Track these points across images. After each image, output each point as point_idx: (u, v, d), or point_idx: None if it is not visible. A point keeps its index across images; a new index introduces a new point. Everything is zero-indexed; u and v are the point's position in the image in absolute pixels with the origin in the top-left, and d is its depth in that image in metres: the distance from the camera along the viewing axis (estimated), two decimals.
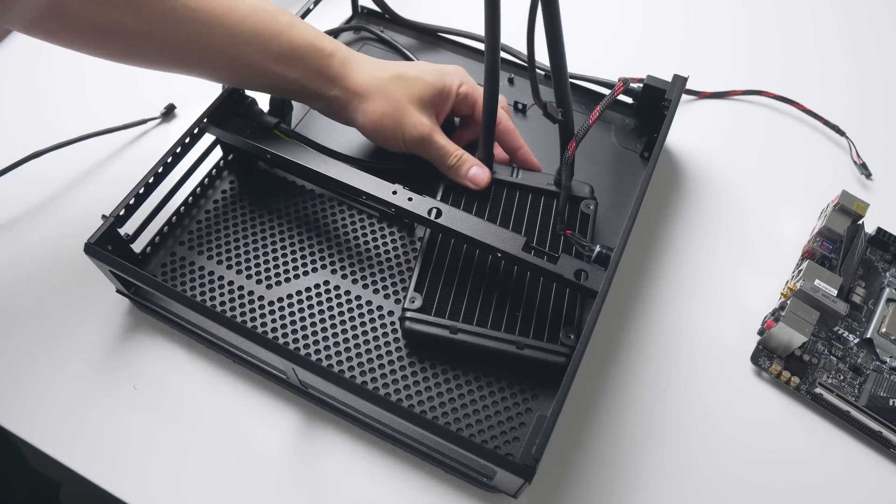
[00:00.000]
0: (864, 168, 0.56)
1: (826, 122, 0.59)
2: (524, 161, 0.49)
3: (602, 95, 0.56)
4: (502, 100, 0.51)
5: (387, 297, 0.46)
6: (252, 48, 0.42)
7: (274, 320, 0.44)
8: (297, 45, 0.43)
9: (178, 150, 0.46)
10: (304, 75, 0.44)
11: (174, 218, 0.48)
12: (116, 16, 0.38)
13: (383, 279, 0.46)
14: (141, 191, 0.44)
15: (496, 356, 0.42)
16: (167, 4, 0.39)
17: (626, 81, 0.48)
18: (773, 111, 0.60)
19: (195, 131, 0.47)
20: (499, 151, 0.50)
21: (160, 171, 0.45)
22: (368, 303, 0.45)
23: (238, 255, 0.47)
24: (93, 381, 0.43)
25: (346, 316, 0.45)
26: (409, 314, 0.42)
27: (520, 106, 0.56)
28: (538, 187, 0.48)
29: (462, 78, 0.48)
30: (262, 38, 0.42)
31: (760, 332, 0.47)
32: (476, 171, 0.47)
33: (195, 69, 0.44)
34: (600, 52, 0.64)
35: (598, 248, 0.43)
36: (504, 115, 0.49)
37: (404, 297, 0.43)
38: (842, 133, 0.58)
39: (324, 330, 0.44)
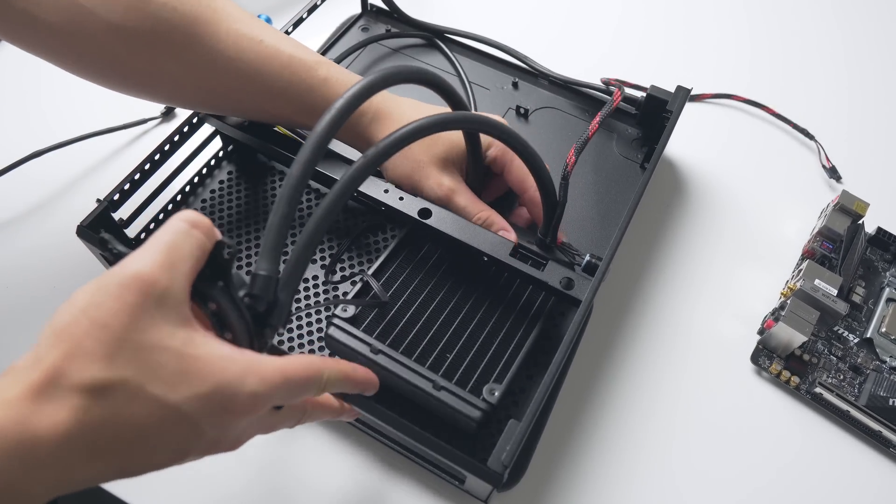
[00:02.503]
0: (833, 172, 0.56)
1: (796, 127, 0.59)
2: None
3: (601, 101, 0.56)
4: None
5: (360, 277, 0.45)
6: (286, 100, 0.43)
7: None
8: (330, 102, 0.42)
9: (176, 138, 0.46)
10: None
11: (170, 205, 0.48)
12: (161, 63, 0.39)
13: (362, 264, 0.46)
14: (136, 176, 0.44)
15: (411, 390, 0.38)
16: (209, 55, 0.40)
17: (615, 85, 0.47)
18: (768, 118, 0.61)
19: (194, 121, 0.47)
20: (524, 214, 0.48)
21: (157, 157, 0.45)
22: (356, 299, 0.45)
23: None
24: None
25: (332, 311, 0.44)
26: (335, 321, 0.40)
27: (522, 110, 0.55)
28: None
29: (493, 139, 0.45)
30: (297, 92, 0.42)
31: (760, 332, 0.47)
32: (504, 235, 0.43)
33: (233, 113, 0.46)
34: (591, 57, 0.64)
35: (587, 258, 0.42)
36: (532, 186, 0.44)
37: (335, 305, 0.41)
38: (811, 136, 0.58)
39: (309, 325, 0.44)
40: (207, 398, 0.25)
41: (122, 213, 0.45)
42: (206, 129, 0.49)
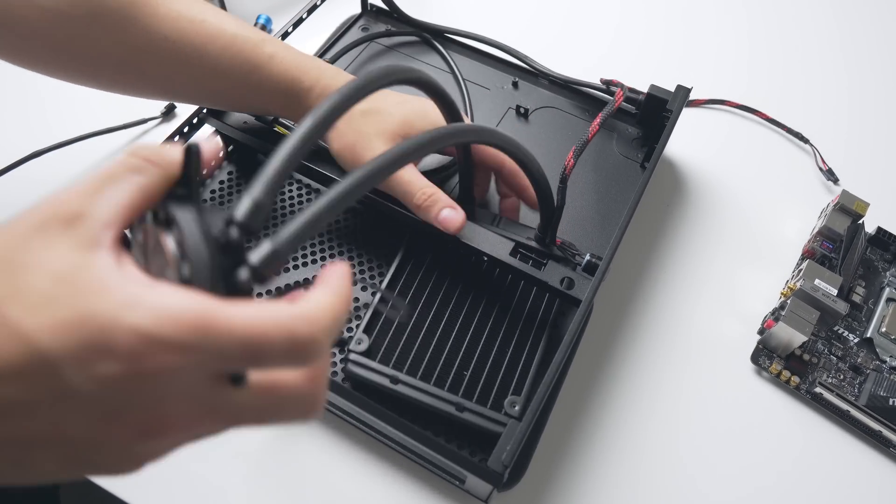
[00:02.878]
0: (830, 174, 0.56)
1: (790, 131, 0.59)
2: (531, 202, 0.44)
3: (601, 101, 0.56)
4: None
5: (374, 294, 0.45)
6: (232, 80, 0.42)
7: None
8: (277, 79, 0.42)
9: (177, 138, 0.46)
10: (283, 107, 0.44)
11: None
12: (100, 48, 0.39)
13: (372, 277, 0.46)
14: None
15: (435, 414, 0.39)
16: (147, 37, 0.39)
17: (617, 85, 0.47)
18: (765, 120, 0.61)
19: (194, 121, 0.47)
20: (510, 203, 0.47)
21: None
22: (356, 300, 0.45)
23: None
24: None
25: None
26: (352, 356, 0.40)
27: (522, 110, 0.55)
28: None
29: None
30: (243, 71, 0.41)
31: (760, 332, 0.47)
32: (448, 214, 0.40)
33: (180, 97, 0.45)
34: (591, 57, 0.64)
35: (587, 257, 0.42)
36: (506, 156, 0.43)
37: (350, 338, 0.42)
38: (805, 140, 0.58)
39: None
40: (69, 328, 0.19)
41: None
42: (207, 130, 0.49)
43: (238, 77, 0.42)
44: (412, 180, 0.41)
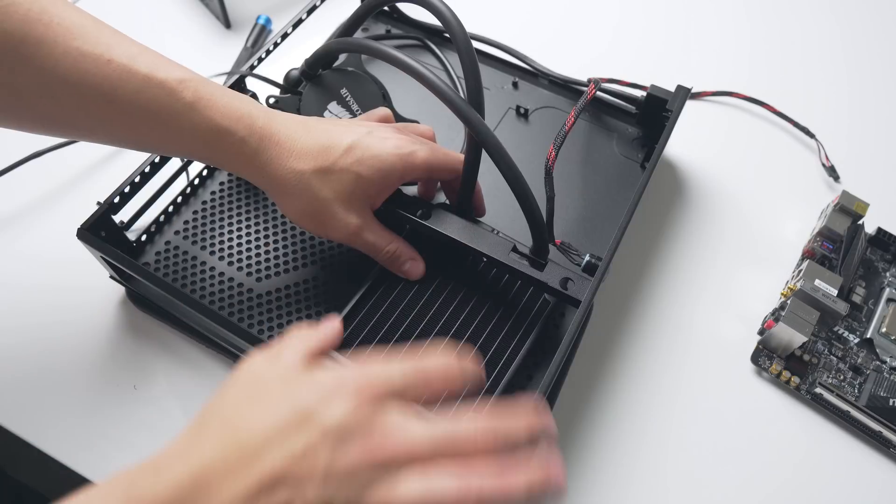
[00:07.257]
0: (832, 171, 0.56)
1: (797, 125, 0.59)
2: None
3: (601, 101, 0.56)
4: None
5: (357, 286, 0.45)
6: (146, 127, 0.37)
7: (261, 313, 0.44)
8: (200, 129, 0.37)
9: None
10: (208, 158, 0.40)
11: (170, 207, 0.48)
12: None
13: (358, 273, 0.46)
14: (137, 179, 0.44)
15: None
16: (43, 79, 0.34)
17: (596, 82, 0.48)
18: (768, 116, 0.61)
19: None
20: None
21: (157, 160, 0.45)
22: (343, 290, 0.45)
23: (231, 247, 0.47)
24: (91, 377, 0.44)
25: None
26: None
27: (521, 110, 0.55)
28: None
29: (414, 173, 0.42)
30: (159, 120, 0.37)
31: (760, 332, 0.47)
32: (409, 267, 0.43)
33: (89, 139, 0.39)
34: (590, 56, 0.64)
35: (587, 258, 0.42)
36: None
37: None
38: (811, 135, 0.58)
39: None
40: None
41: (122, 215, 0.45)
42: None
43: (153, 125, 0.37)
44: (376, 242, 0.42)
